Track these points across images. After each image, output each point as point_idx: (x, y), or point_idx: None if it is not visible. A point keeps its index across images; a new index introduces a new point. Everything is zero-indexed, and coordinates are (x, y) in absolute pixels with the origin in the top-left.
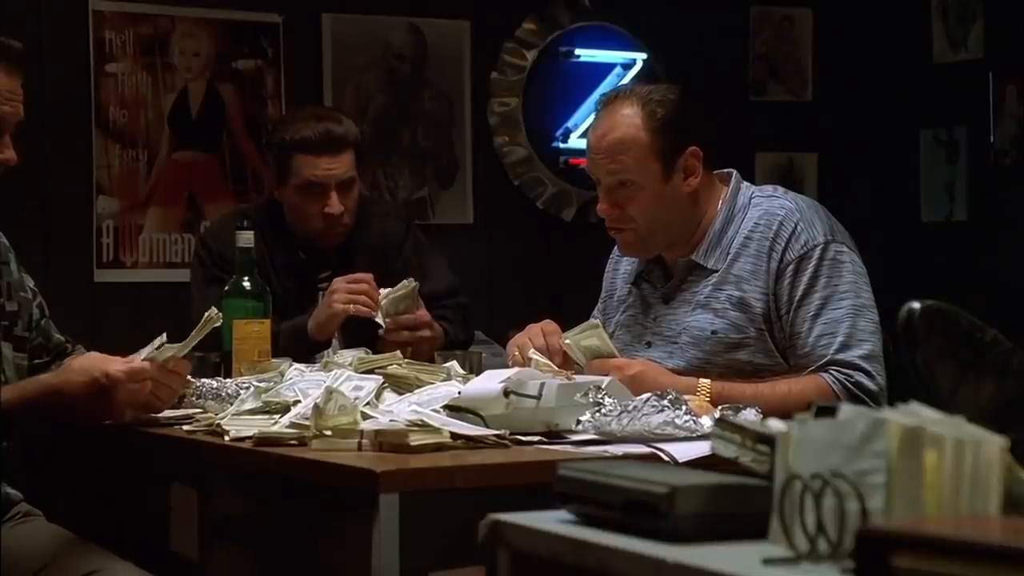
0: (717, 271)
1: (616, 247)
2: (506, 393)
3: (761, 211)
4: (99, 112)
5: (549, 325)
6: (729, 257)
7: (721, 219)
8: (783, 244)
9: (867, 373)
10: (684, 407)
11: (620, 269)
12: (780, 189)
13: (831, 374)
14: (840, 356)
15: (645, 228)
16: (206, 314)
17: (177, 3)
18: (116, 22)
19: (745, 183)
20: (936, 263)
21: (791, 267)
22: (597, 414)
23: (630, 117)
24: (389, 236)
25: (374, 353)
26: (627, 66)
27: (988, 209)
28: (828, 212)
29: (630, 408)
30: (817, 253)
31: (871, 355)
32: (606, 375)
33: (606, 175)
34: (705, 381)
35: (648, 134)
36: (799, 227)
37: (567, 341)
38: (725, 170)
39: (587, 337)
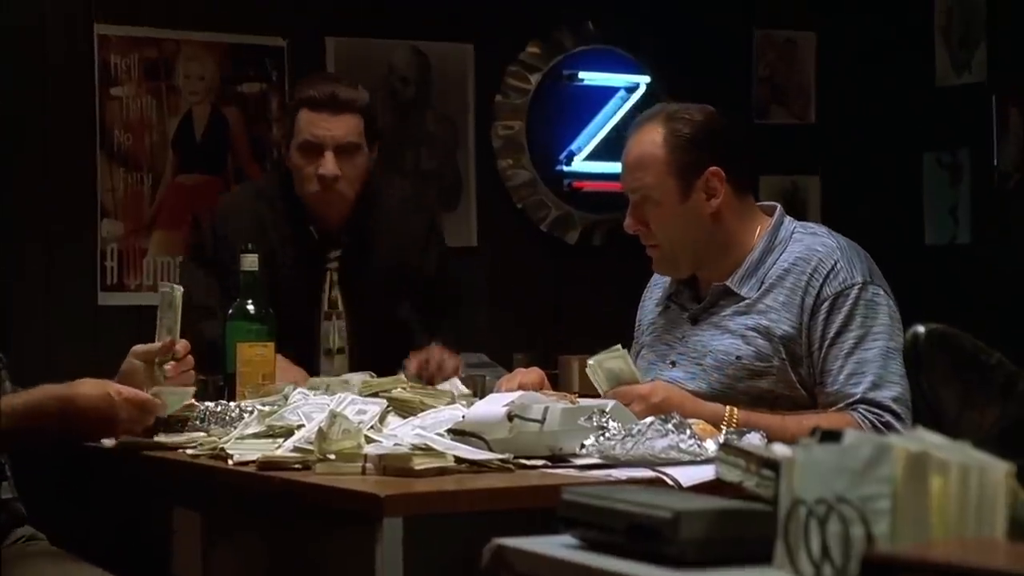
0: (749, 299)
1: (651, 279)
2: (510, 417)
3: (802, 246)
4: (103, 135)
5: (533, 374)
6: (763, 287)
7: (760, 249)
8: (820, 280)
9: (896, 415)
10: (688, 431)
11: (653, 296)
12: (824, 227)
13: (860, 412)
14: (870, 395)
15: (667, 246)
16: (162, 291)
17: (182, 27)
18: (121, 46)
19: (789, 217)
20: (940, 286)
21: (827, 304)
22: (601, 438)
23: (652, 134)
24: (408, 227)
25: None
26: (631, 89)
27: (992, 232)
28: (869, 256)
29: (634, 432)
30: (854, 292)
31: (900, 398)
32: (630, 403)
33: (630, 192)
34: (732, 408)
35: (666, 151)
36: (838, 265)
37: (591, 363)
38: (769, 203)
39: (612, 358)
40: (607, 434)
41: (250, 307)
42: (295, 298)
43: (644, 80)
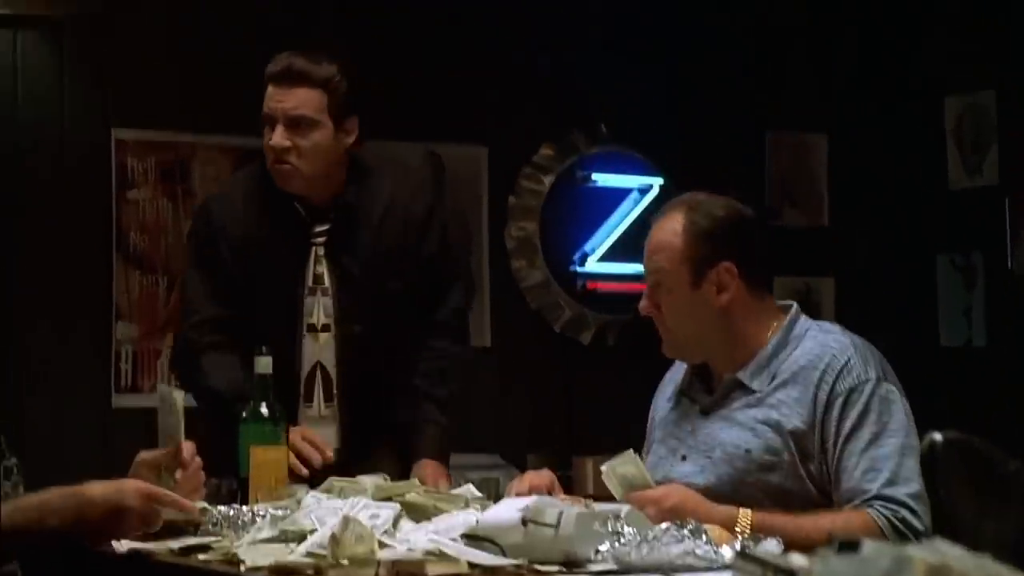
0: (760, 392)
1: (664, 376)
2: (524, 522)
3: (816, 343)
4: (120, 238)
5: (543, 477)
6: (775, 381)
7: (774, 344)
8: (834, 376)
9: (912, 511)
10: (704, 537)
11: (665, 392)
12: (839, 326)
13: (876, 509)
14: (886, 491)
15: (675, 331)
16: (160, 395)
17: (197, 131)
18: (138, 150)
19: (804, 316)
20: (955, 388)
21: (840, 399)
22: (616, 543)
23: (673, 223)
24: (406, 208)
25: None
26: (644, 191)
27: (1007, 334)
28: (882, 356)
29: (650, 538)
30: (868, 388)
31: (916, 495)
32: (643, 508)
33: (647, 274)
34: (746, 511)
35: (682, 240)
36: (852, 361)
37: (604, 469)
38: (786, 302)
39: (623, 464)
40: (622, 539)
41: (263, 410)
42: (281, 274)
43: (657, 181)
